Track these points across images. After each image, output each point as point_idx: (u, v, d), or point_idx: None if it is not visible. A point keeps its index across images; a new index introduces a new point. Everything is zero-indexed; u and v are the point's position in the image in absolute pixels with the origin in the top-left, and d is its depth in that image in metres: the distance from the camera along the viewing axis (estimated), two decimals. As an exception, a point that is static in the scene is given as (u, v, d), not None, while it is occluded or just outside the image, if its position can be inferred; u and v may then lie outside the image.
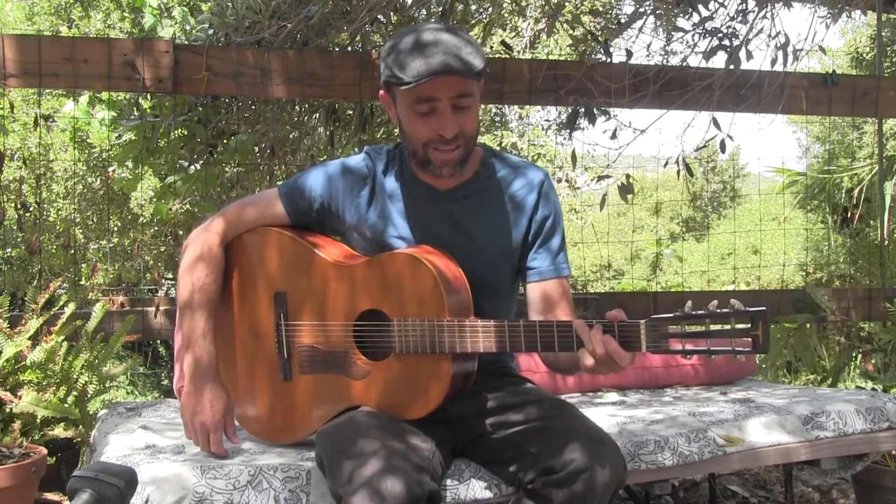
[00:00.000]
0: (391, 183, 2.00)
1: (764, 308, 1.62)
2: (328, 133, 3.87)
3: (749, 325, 1.62)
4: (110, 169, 4.71)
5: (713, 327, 1.63)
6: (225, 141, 3.65)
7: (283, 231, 2.00)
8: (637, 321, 1.67)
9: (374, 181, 2.00)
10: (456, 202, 1.98)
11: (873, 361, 4.14)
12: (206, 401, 1.89)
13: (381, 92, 1.94)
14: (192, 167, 3.70)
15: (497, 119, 7.25)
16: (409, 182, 1.99)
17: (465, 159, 1.91)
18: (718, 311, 1.62)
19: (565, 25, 4.18)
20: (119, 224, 5.29)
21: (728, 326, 1.63)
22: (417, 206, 1.98)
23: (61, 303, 2.82)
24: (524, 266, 2.02)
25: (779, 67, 3.33)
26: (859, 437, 2.46)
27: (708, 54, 3.36)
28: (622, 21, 4.20)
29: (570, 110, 3.52)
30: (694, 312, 1.64)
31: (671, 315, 1.65)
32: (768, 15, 3.28)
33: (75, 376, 2.64)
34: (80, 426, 2.56)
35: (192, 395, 1.90)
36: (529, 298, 2.03)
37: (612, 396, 2.92)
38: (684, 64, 3.53)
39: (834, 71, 3.82)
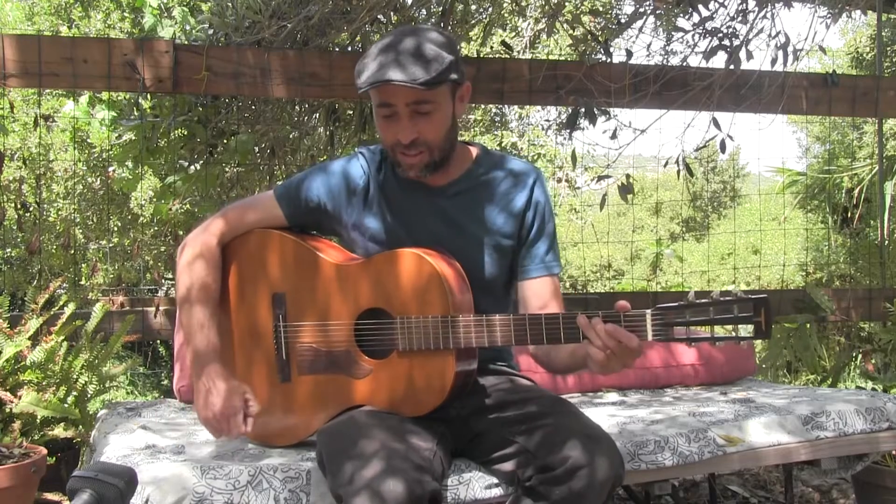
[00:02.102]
0: (385, 181, 2.01)
1: (766, 295, 1.65)
2: (328, 133, 3.87)
3: (751, 313, 1.63)
4: (110, 169, 4.71)
5: (716, 316, 1.64)
6: (225, 141, 3.65)
7: (282, 233, 2.00)
8: (643, 310, 1.68)
9: (370, 180, 2.01)
10: (449, 198, 1.99)
11: (873, 361, 4.13)
12: (214, 391, 1.85)
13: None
14: (192, 167, 3.70)
15: (497, 119, 7.25)
16: (402, 180, 2.00)
17: (432, 165, 1.91)
18: (721, 298, 1.65)
19: (565, 25, 4.18)
20: (119, 224, 5.29)
21: (731, 314, 1.64)
22: (412, 203, 1.99)
23: (61, 303, 2.82)
24: (515, 264, 2.03)
25: (779, 67, 3.34)
26: (859, 437, 2.46)
27: (708, 54, 3.36)
28: (622, 21, 4.19)
29: (570, 110, 3.52)
30: (698, 301, 1.66)
31: (676, 304, 1.67)
32: (768, 15, 3.28)
33: (75, 376, 2.64)
34: (80, 426, 2.56)
35: (199, 390, 1.87)
36: (521, 296, 2.04)
37: (612, 396, 2.92)
38: (684, 64, 3.53)
39: (834, 71, 3.82)
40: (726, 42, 3.32)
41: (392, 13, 3.66)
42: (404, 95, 1.81)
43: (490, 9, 4.66)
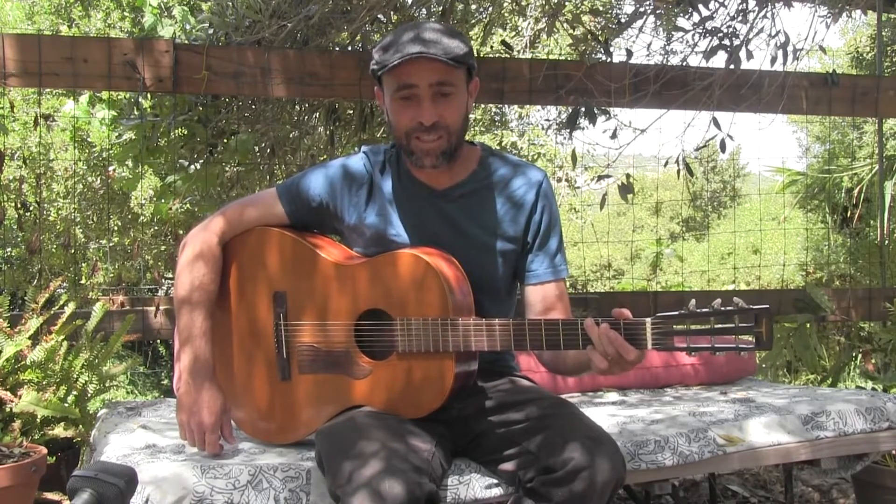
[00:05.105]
0: (388, 182, 2.00)
1: (767, 306, 1.63)
2: (328, 132, 3.87)
3: (752, 323, 1.62)
4: (110, 168, 4.71)
5: (717, 325, 1.64)
6: (225, 140, 3.65)
7: (283, 231, 2.00)
8: (643, 319, 1.67)
9: (372, 181, 2.01)
10: (452, 201, 1.99)
11: (873, 361, 4.13)
12: (204, 400, 1.89)
13: (376, 88, 1.97)
14: (193, 167, 3.70)
15: (497, 119, 7.24)
16: (405, 181, 2.00)
17: (449, 152, 1.90)
18: (722, 308, 1.63)
19: (565, 25, 4.18)
20: (119, 223, 5.29)
21: (732, 324, 1.63)
22: (414, 205, 1.98)
23: (61, 302, 2.82)
24: (522, 268, 2.03)
25: (779, 67, 3.34)
26: (859, 436, 2.46)
27: (708, 54, 3.36)
28: (622, 21, 4.19)
29: (570, 110, 3.52)
30: (698, 310, 1.64)
31: (676, 313, 1.66)
32: (768, 14, 3.28)
33: (75, 376, 2.64)
34: (80, 426, 2.56)
35: (189, 393, 1.90)
36: (528, 300, 2.03)
37: (613, 396, 2.92)
38: (684, 63, 3.53)
39: (834, 70, 3.82)
40: (726, 42, 3.32)
41: (392, 13, 3.66)
42: (430, 74, 1.81)
43: (490, 8, 4.66)
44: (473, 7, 4.36)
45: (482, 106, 6.38)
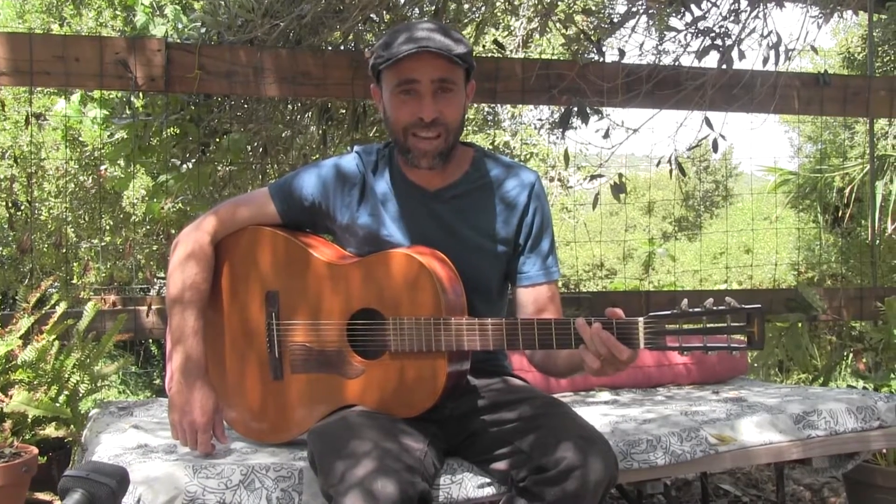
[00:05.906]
0: (381, 183, 2.00)
1: (759, 305, 1.63)
2: (321, 132, 3.86)
3: (745, 323, 1.63)
4: (102, 168, 4.69)
5: (709, 325, 1.64)
6: (217, 140, 3.64)
7: (276, 230, 2.00)
8: (635, 318, 1.67)
9: (365, 181, 2.01)
10: (445, 202, 1.99)
11: (864, 360, 4.14)
12: (196, 400, 1.89)
13: (372, 86, 1.97)
14: (185, 166, 3.69)
15: (489, 118, 7.25)
16: (398, 182, 2.00)
17: (445, 152, 1.91)
18: (715, 308, 1.64)
19: (558, 25, 4.18)
20: (111, 223, 5.26)
21: (724, 324, 1.64)
22: (407, 206, 1.98)
23: (53, 302, 2.82)
24: (514, 269, 2.03)
25: (771, 67, 3.34)
26: (850, 435, 2.47)
27: (700, 54, 3.36)
28: (615, 20, 4.20)
29: (562, 109, 3.52)
30: (690, 310, 1.65)
31: (668, 312, 1.66)
32: (760, 14, 3.29)
33: (67, 375, 2.63)
34: (72, 426, 2.56)
35: (181, 393, 1.90)
36: (519, 302, 2.03)
37: (605, 395, 2.92)
38: (677, 63, 3.54)
39: (826, 71, 3.83)
40: (718, 42, 3.33)
41: (385, 12, 3.65)
42: (433, 70, 1.82)
43: (483, 8, 4.66)
44: (466, 6, 4.36)
45: (475, 105, 6.38)
